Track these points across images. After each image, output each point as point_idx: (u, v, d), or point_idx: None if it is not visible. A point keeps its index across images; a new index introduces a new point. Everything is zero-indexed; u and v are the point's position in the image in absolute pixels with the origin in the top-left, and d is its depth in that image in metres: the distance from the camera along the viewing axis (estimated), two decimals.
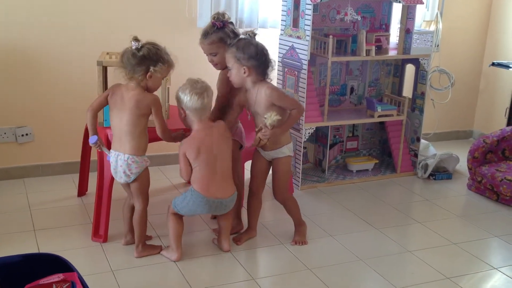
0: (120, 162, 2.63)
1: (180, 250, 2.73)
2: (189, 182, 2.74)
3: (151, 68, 2.56)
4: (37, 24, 3.47)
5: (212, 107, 2.81)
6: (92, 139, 2.64)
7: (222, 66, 2.87)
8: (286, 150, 2.83)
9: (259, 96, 2.73)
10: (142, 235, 2.75)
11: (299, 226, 2.99)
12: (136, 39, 2.55)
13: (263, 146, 2.78)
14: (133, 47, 2.55)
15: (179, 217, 2.72)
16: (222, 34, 2.82)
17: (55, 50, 3.55)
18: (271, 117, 2.65)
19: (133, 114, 2.59)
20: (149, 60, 2.56)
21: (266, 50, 2.75)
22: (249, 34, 2.75)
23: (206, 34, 2.83)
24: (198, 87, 2.60)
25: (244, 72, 2.69)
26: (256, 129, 2.75)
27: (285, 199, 2.92)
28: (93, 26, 3.58)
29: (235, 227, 3.02)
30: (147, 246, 2.78)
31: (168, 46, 2.66)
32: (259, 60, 2.70)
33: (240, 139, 2.99)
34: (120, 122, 2.61)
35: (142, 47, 2.55)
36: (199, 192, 2.62)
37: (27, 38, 3.47)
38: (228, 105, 2.89)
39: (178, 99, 2.64)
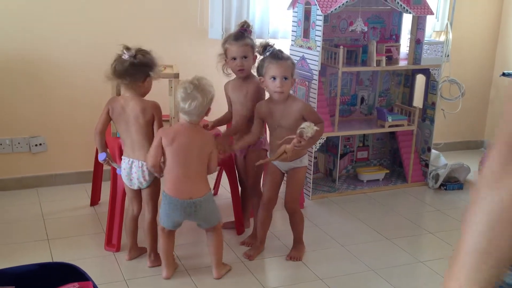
0: (135, 168, 2.65)
1: (170, 268, 2.66)
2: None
3: (151, 74, 2.60)
4: (50, 35, 3.52)
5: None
6: (102, 156, 2.69)
7: (246, 72, 2.90)
8: (305, 161, 2.84)
9: (288, 109, 2.73)
10: (154, 244, 2.76)
11: (298, 243, 2.93)
12: (128, 48, 2.57)
13: (283, 158, 2.70)
14: (126, 57, 2.56)
15: (168, 232, 2.62)
16: (252, 41, 2.91)
17: (68, 60, 3.59)
18: (311, 128, 2.55)
19: (140, 123, 2.61)
20: (146, 66, 2.59)
21: None
22: (274, 47, 2.77)
23: (239, 36, 2.88)
24: (187, 92, 2.48)
25: (292, 84, 2.76)
26: (279, 141, 2.66)
27: (295, 210, 2.88)
28: (105, 37, 3.61)
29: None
30: (159, 256, 2.79)
31: (179, 55, 2.70)
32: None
33: (267, 148, 3.03)
34: (129, 133, 2.63)
35: (136, 55, 2.57)
36: (171, 196, 2.51)
37: (41, 49, 3.52)
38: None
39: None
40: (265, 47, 2.75)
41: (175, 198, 2.51)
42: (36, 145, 3.64)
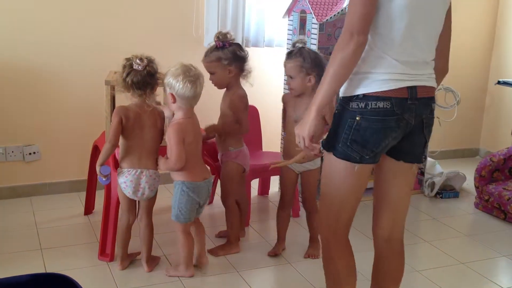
0: (145, 178, 2.62)
1: (192, 267, 2.73)
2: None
3: (159, 81, 2.61)
4: (45, 44, 3.51)
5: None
6: (107, 169, 2.63)
7: (219, 87, 2.90)
8: (318, 162, 2.88)
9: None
10: (150, 249, 2.79)
11: (315, 242, 3.00)
12: (141, 59, 2.55)
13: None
14: (140, 67, 2.53)
15: (189, 234, 2.70)
16: (220, 54, 2.83)
17: (62, 69, 3.58)
18: None
19: (156, 130, 2.63)
20: (157, 73, 2.61)
21: None
22: (303, 42, 2.81)
23: (206, 52, 2.87)
24: (192, 75, 2.50)
25: (310, 81, 2.76)
26: (297, 148, 2.67)
27: (312, 208, 2.94)
28: (100, 45, 3.61)
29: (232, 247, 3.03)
30: (154, 257, 2.84)
31: (175, 63, 2.68)
32: (323, 68, 2.74)
33: (244, 163, 2.98)
34: (142, 141, 2.61)
35: (148, 64, 2.56)
36: (191, 181, 2.59)
37: (35, 57, 3.51)
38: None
39: (168, 84, 2.52)
40: (294, 44, 2.82)
41: (197, 182, 2.60)
42: (30, 153, 3.61)
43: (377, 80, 1.79)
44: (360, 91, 1.81)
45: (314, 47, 3.47)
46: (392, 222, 2.06)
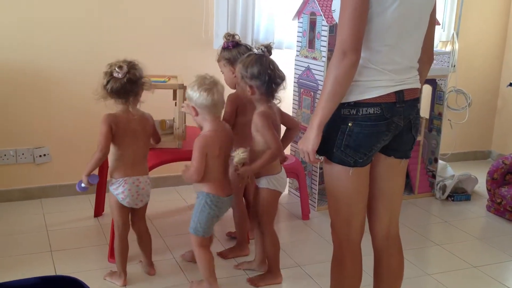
0: (142, 184, 2.59)
1: (217, 281, 2.58)
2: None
3: (145, 86, 2.55)
4: (54, 46, 3.52)
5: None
6: (96, 178, 2.55)
7: (229, 86, 2.89)
8: (264, 182, 2.61)
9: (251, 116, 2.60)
10: (150, 252, 2.78)
11: (268, 272, 2.75)
12: (120, 66, 2.47)
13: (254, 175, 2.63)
14: (120, 75, 2.46)
15: (207, 248, 2.57)
16: (224, 54, 2.85)
17: (72, 71, 3.59)
18: (238, 155, 2.47)
19: (147, 136, 2.61)
20: (140, 78, 2.54)
21: (273, 69, 2.51)
22: (261, 49, 2.56)
23: (219, 52, 2.90)
24: (207, 83, 2.45)
25: (249, 91, 2.54)
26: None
27: (261, 231, 2.70)
28: (109, 47, 3.61)
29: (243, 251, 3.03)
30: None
31: (185, 66, 2.69)
32: (261, 80, 2.49)
33: None
34: (134, 147, 2.56)
35: (129, 70, 2.48)
36: (215, 194, 2.48)
37: (44, 60, 3.52)
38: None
39: (188, 97, 2.49)
40: (257, 48, 2.63)
41: (221, 196, 2.50)
42: (40, 156, 3.63)
43: (367, 87, 1.86)
44: (351, 98, 1.86)
45: (324, 49, 3.45)
46: (388, 218, 2.09)
